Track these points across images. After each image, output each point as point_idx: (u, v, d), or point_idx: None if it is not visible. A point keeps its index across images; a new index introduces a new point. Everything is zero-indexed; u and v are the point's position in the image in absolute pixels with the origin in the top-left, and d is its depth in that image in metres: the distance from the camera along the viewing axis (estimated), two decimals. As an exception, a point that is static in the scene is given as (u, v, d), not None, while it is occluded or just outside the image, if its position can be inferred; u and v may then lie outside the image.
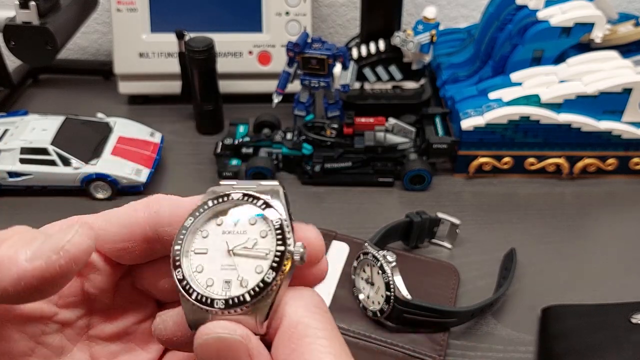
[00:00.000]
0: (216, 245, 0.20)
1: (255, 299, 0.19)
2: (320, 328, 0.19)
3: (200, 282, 0.19)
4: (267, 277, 0.19)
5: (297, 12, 0.73)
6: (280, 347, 0.19)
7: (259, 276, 0.19)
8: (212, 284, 0.19)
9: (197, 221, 0.20)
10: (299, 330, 0.19)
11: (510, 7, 0.67)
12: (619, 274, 0.55)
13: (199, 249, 0.20)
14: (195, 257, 0.20)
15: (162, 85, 0.76)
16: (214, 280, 0.19)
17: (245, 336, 0.19)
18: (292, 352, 0.18)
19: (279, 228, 0.19)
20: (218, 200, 0.20)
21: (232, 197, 0.20)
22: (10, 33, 0.65)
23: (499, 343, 0.49)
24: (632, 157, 0.65)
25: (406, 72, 0.72)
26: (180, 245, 0.20)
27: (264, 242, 0.20)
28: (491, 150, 0.65)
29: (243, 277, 0.19)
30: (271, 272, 0.19)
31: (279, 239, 0.19)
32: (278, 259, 0.19)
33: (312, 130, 0.65)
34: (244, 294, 0.19)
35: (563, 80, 0.63)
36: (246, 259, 0.20)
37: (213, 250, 0.20)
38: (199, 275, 0.20)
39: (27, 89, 0.83)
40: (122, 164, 0.62)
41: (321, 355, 0.18)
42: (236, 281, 0.19)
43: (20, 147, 0.60)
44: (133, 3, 0.72)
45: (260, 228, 0.20)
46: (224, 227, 0.20)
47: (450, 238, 0.57)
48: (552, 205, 0.63)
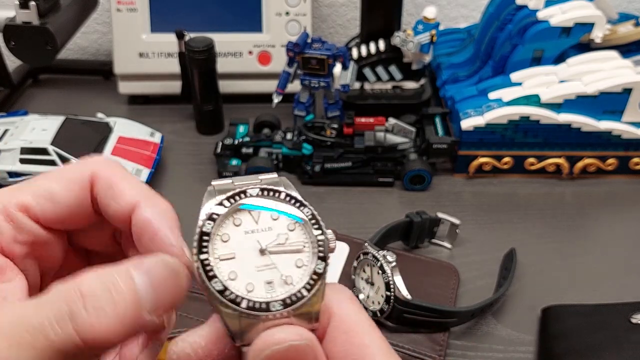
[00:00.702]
0: (243, 247, 0.18)
1: (312, 291, 0.18)
2: (368, 323, 0.19)
3: (239, 290, 0.18)
4: (318, 267, 0.18)
5: (297, 12, 0.73)
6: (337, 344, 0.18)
7: (303, 270, 0.18)
8: (253, 289, 0.18)
9: (216, 224, 0.18)
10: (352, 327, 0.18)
11: (510, 7, 0.67)
12: (619, 274, 0.55)
13: (225, 254, 0.18)
14: (222, 263, 0.18)
15: (162, 85, 0.76)
16: (254, 285, 0.18)
17: (311, 339, 0.18)
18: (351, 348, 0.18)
19: (312, 218, 0.19)
20: (234, 198, 0.19)
21: (249, 194, 0.19)
22: (10, 33, 0.65)
23: (499, 343, 0.49)
24: (632, 157, 0.65)
25: (406, 72, 0.72)
26: (207, 253, 0.18)
27: (295, 235, 0.19)
28: (491, 150, 0.65)
29: (285, 275, 0.18)
30: (320, 262, 0.18)
31: (317, 228, 0.19)
32: (323, 248, 0.18)
33: (312, 130, 0.66)
34: (300, 290, 0.18)
35: (563, 80, 0.63)
36: (282, 255, 0.18)
37: (241, 253, 0.18)
38: (233, 283, 0.18)
39: (27, 89, 0.83)
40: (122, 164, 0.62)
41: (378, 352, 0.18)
42: (279, 280, 0.18)
43: (20, 147, 0.60)
44: (133, 3, 0.72)
45: (286, 221, 0.19)
46: (245, 226, 0.19)
47: (450, 238, 0.57)
48: (552, 205, 0.63)
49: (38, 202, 0.21)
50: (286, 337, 0.17)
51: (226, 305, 0.17)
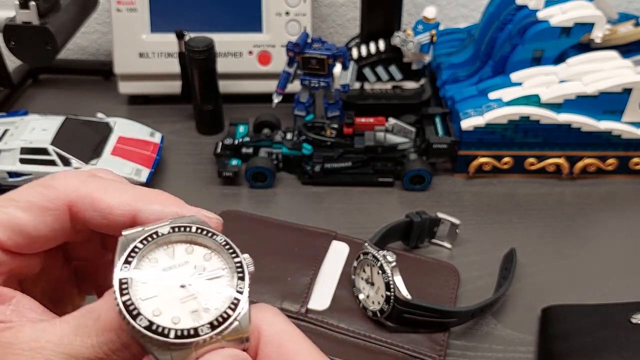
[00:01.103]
0: (163, 284, 0.19)
1: (237, 310, 0.18)
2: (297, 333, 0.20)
3: (166, 323, 0.18)
4: (240, 287, 0.19)
5: (297, 12, 0.73)
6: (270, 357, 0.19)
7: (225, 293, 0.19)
8: (179, 321, 0.18)
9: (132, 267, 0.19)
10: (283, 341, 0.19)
11: (510, 7, 0.67)
12: (619, 274, 0.55)
13: (146, 295, 0.18)
14: (144, 303, 0.18)
15: (162, 85, 0.76)
16: (180, 317, 0.18)
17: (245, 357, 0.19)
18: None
19: (226, 244, 0.19)
20: (147, 239, 0.19)
21: (160, 232, 0.19)
22: (10, 33, 0.65)
23: (499, 343, 0.49)
24: (632, 157, 0.65)
25: (406, 72, 0.72)
26: (127, 294, 0.18)
27: (211, 263, 0.19)
28: (491, 150, 0.65)
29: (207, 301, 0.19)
30: (240, 282, 0.19)
31: (232, 252, 0.19)
32: (241, 269, 0.19)
33: (312, 130, 0.66)
34: (226, 310, 0.18)
35: (563, 80, 0.63)
36: (202, 285, 0.19)
37: (162, 291, 0.19)
38: (159, 318, 0.18)
39: (27, 89, 0.83)
40: (122, 164, 0.62)
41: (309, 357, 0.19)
42: (202, 307, 0.19)
43: (20, 147, 0.60)
44: (133, 3, 0.72)
45: (201, 252, 0.19)
46: (162, 264, 0.19)
47: (450, 238, 0.57)
48: (552, 205, 0.63)
49: (10, 238, 0.20)
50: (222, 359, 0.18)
51: (155, 340, 0.18)
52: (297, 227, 0.57)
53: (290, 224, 0.57)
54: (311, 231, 0.56)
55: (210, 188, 0.65)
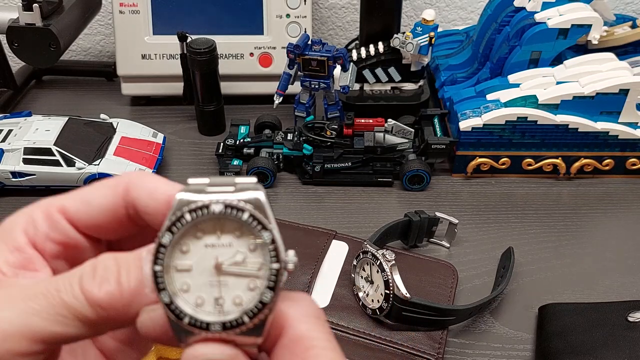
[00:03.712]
0: (200, 260, 0.18)
1: (254, 319, 0.18)
2: (323, 339, 0.19)
3: (189, 302, 0.18)
4: (265, 296, 0.18)
5: (298, 15, 0.74)
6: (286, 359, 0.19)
7: (253, 294, 0.18)
8: (202, 303, 0.18)
9: (175, 237, 0.18)
10: (304, 343, 0.18)
11: (508, 9, 0.68)
12: (615, 273, 0.55)
13: (182, 265, 0.18)
14: (178, 274, 0.18)
15: (164, 87, 0.77)
16: (204, 299, 0.18)
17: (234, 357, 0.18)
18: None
19: (271, 243, 0.18)
20: (197, 213, 0.18)
21: (212, 210, 0.18)
22: (13, 34, 0.66)
23: (497, 341, 0.49)
24: (628, 158, 0.65)
25: (405, 74, 0.72)
26: (160, 265, 0.18)
27: (253, 256, 0.18)
28: (489, 150, 0.65)
29: (236, 294, 0.18)
30: (268, 291, 0.18)
31: (273, 255, 0.18)
32: (274, 277, 0.18)
33: (313, 130, 0.66)
34: (242, 316, 0.18)
35: (560, 81, 0.63)
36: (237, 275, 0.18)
37: (198, 266, 0.18)
38: (185, 294, 0.18)
39: (31, 90, 0.83)
40: (124, 165, 0.62)
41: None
42: (229, 299, 0.18)
43: (24, 147, 0.61)
44: (135, 5, 0.73)
45: (248, 240, 0.18)
46: (207, 240, 0.18)
47: (449, 237, 0.58)
48: (549, 204, 0.63)
49: (74, 205, 0.22)
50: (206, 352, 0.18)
51: (171, 318, 0.18)
52: (298, 226, 0.58)
53: (291, 223, 0.58)
54: (311, 230, 0.57)
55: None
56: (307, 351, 0.18)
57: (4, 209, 0.62)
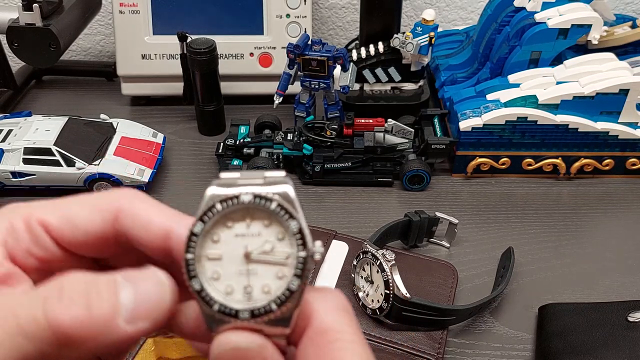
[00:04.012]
0: (230, 249, 0.19)
1: (282, 307, 0.18)
2: (350, 332, 0.19)
3: (219, 290, 0.19)
4: (292, 284, 0.18)
5: (298, 15, 0.74)
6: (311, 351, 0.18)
7: (281, 282, 0.18)
8: (232, 292, 0.19)
9: (206, 226, 0.19)
10: (329, 336, 0.18)
11: (508, 9, 0.68)
12: (615, 273, 0.55)
13: (212, 254, 0.19)
14: (209, 263, 0.19)
15: (164, 87, 0.77)
16: (233, 287, 0.19)
17: (263, 345, 0.18)
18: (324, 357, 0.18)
19: (298, 232, 0.19)
20: (227, 203, 0.19)
21: (242, 200, 0.19)
22: (13, 34, 0.66)
23: (497, 341, 0.49)
24: (628, 158, 0.65)
25: (405, 74, 0.72)
26: (192, 253, 0.18)
27: (281, 245, 0.19)
28: (489, 150, 0.65)
29: (264, 283, 0.18)
30: (295, 279, 0.18)
31: (300, 243, 0.18)
32: (302, 265, 0.18)
33: (313, 130, 0.66)
34: (270, 304, 0.18)
35: (560, 81, 0.63)
36: (265, 263, 0.19)
37: (228, 255, 0.19)
38: (215, 282, 0.19)
39: (31, 90, 0.83)
40: (125, 164, 0.63)
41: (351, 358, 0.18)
42: (258, 287, 0.19)
43: (24, 147, 0.61)
44: (135, 5, 0.73)
45: (276, 230, 0.19)
46: (236, 229, 0.19)
47: (449, 237, 0.58)
48: (549, 204, 0.63)
49: (58, 222, 0.21)
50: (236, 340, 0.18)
51: (201, 304, 0.19)
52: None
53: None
54: (311, 230, 0.57)
55: (211, 188, 0.66)
56: (332, 343, 0.18)
57: (4, 209, 0.62)
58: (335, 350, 0.18)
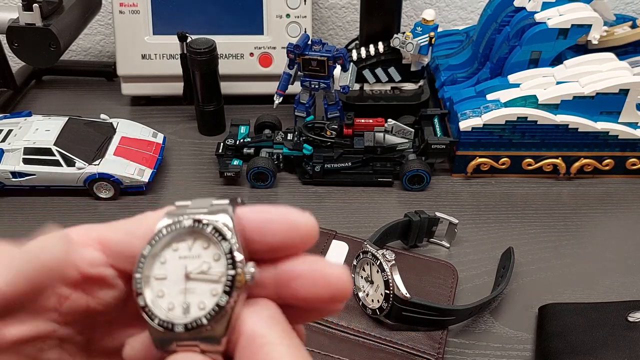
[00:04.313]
0: (174, 270, 0.21)
1: (212, 321, 0.20)
2: (276, 336, 0.20)
3: (162, 307, 0.20)
4: (221, 300, 0.20)
5: (298, 15, 0.74)
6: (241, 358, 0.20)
7: (214, 299, 0.20)
8: (173, 308, 0.20)
9: (154, 249, 0.21)
10: (257, 342, 0.19)
11: (508, 9, 0.68)
12: (615, 273, 0.55)
13: (159, 275, 0.21)
14: (155, 282, 0.21)
15: (164, 87, 0.77)
16: (174, 304, 0.20)
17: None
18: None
19: (228, 252, 0.20)
20: (171, 227, 0.21)
21: (183, 224, 0.21)
22: (13, 34, 0.66)
23: (497, 341, 0.49)
24: (628, 158, 0.65)
25: (405, 74, 0.72)
26: (140, 272, 0.20)
27: (217, 265, 0.20)
28: (489, 150, 0.65)
29: (200, 300, 0.20)
30: (224, 295, 0.20)
31: (229, 263, 0.20)
32: (230, 283, 0.20)
33: (313, 130, 0.66)
34: (201, 318, 0.20)
35: (560, 81, 0.63)
36: (202, 282, 0.20)
37: (172, 275, 0.21)
38: (160, 300, 0.20)
39: (31, 90, 0.83)
40: (125, 164, 0.63)
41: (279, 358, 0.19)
42: (195, 304, 0.20)
43: (24, 147, 0.61)
44: (135, 5, 0.73)
45: (213, 251, 0.21)
46: (180, 252, 0.21)
47: (449, 237, 0.58)
48: (549, 204, 0.63)
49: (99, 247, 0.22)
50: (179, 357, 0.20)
51: (145, 318, 0.20)
52: (298, 227, 0.57)
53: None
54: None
55: (211, 188, 0.66)
56: (261, 347, 0.19)
57: (4, 209, 0.62)
58: (262, 353, 0.19)
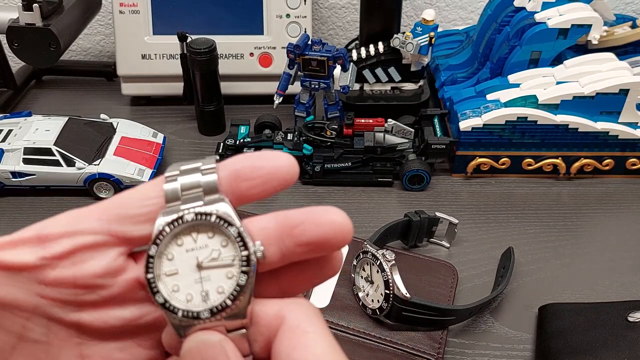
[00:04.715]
0: (184, 263, 0.22)
1: (235, 300, 0.21)
2: (319, 329, 0.21)
3: (180, 299, 0.21)
4: (241, 280, 0.21)
5: (298, 15, 0.74)
6: (282, 344, 0.21)
7: (231, 281, 0.21)
8: (192, 299, 0.21)
9: (160, 247, 0.21)
10: (300, 330, 0.21)
11: (508, 9, 0.68)
12: (615, 273, 0.55)
13: (169, 270, 0.22)
14: (168, 278, 0.21)
15: (165, 87, 0.77)
16: (192, 295, 0.21)
17: (223, 339, 0.21)
18: (294, 348, 0.20)
19: (237, 236, 0.21)
20: (174, 224, 0.22)
21: (186, 219, 0.21)
22: (13, 34, 0.66)
23: (497, 341, 0.49)
24: (628, 158, 0.65)
25: (405, 74, 0.72)
26: (152, 272, 0.21)
27: (226, 250, 0.22)
28: (489, 150, 0.65)
29: (218, 285, 0.21)
30: (242, 275, 0.21)
31: (241, 245, 0.21)
32: (246, 263, 0.21)
33: (313, 130, 0.66)
34: (225, 300, 0.21)
35: (560, 81, 0.63)
36: (216, 268, 0.21)
37: (183, 269, 0.22)
38: (176, 294, 0.21)
39: (31, 90, 0.83)
40: (124, 164, 0.63)
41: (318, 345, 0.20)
42: (213, 290, 0.21)
43: (24, 147, 0.61)
44: (135, 5, 0.73)
45: (219, 239, 0.22)
46: (186, 245, 0.22)
47: (449, 237, 0.58)
48: (549, 204, 0.63)
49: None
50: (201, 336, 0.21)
51: (167, 314, 0.21)
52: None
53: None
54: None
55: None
56: (301, 336, 0.21)
57: (4, 209, 0.62)
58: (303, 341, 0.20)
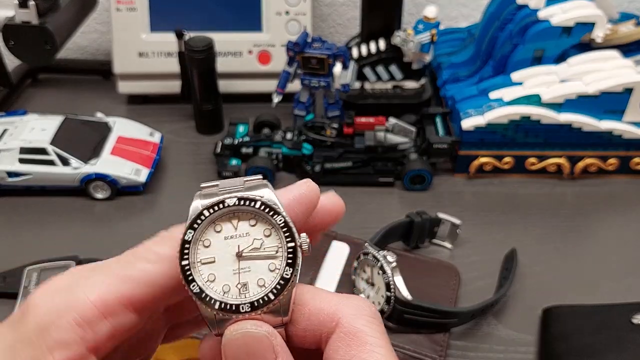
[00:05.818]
0: (222, 251, 0.20)
1: (279, 295, 0.20)
2: (378, 337, 0.20)
3: (216, 291, 0.20)
4: (286, 273, 0.20)
5: (297, 12, 0.73)
6: (339, 350, 0.20)
7: (274, 274, 0.20)
8: (229, 290, 0.20)
9: (197, 233, 0.20)
10: (359, 338, 0.20)
11: (510, 7, 0.67)
12: (620, 275, 0.55)
13: (206, 258, 0.20)
14: (204, 267, 0.20)
15: (162, 85, 0.76)
16: (229, 286, 0.20)
17: (271, 333, 0.20)
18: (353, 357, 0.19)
19: (284, 225, 0.20)
20: (213, 208, 0.20)
21: (227, 204, 0.20)
22: (9, 32, 0.65)
23: (500, 343, 0.49)
24: (633, 157, 0.65)
25: (406, 72, 0.72)
26: (187, 259, 0.20)
27: (269, 240, 0.20)
28: (492, 150, 0.65)
29: (259, 277, 0.20)
30: (288, 268, 0.20)
31: (287, 235, 0.20)
32: (292, 255, 0.20)
33: (312, 130, 0.66)
34: (268, 294, 0.20)
35: (564, 80, 0.63)
36: (257, 259, 0.20)
37: (220, 257, 0.20)
38: (212, 284, 0.20)
39: (26, 88, 0.83)
40: (121, 164, 0.62)
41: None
42: (253, 282, 0.20)
43: (20, 147, 0.60)
44: (132, 2, 0.72)
45: (262, 227, 0.20)
46: (225, 232, 0.20)
47: (451, 238, 0.57)
48: (552, 205, 0.63)
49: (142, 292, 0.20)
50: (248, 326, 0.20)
51: (202, 305, 0.20)
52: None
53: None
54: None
55: (210, 188, 0.65)
56: (362, 346, 0.19)
57: (1, 210, 0.62)
58: (365, 352, 0.19)
